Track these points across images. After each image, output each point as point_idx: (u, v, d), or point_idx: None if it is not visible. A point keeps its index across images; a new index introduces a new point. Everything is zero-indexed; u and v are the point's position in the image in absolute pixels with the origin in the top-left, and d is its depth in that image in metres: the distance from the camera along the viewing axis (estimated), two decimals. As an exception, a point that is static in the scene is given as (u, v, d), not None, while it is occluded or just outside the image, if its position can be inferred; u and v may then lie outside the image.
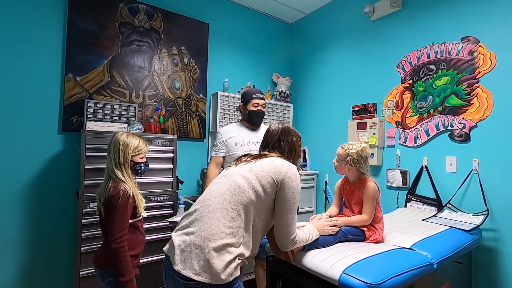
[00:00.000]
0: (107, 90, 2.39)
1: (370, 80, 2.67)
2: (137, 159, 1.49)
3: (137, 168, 1.50)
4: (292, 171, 1.13)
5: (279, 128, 1.29)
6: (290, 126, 1.33)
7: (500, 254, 1.82)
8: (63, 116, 2.22)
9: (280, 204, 1.11)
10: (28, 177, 2.10)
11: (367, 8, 2.61)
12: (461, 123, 2.03)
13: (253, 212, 1.07)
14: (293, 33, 3.65)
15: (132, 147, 1.46)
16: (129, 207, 1.38)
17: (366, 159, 1.47)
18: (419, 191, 2.24)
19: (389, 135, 2.48)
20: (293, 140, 1.28)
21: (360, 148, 1.45)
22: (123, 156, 1.43)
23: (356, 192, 1.47)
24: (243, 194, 1.07)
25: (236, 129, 2.10)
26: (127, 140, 1.46)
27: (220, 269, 0.95)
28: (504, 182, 1.82)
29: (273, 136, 1.28)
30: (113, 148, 1.44)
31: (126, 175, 1.42)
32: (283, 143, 1.26)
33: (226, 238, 1.00)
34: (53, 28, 2.21)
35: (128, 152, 1.44)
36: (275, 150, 1.25)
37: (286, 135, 1.27)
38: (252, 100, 2.04)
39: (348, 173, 1.50)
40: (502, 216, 1.82)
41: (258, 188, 1.08)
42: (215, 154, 2.07)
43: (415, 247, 1.37)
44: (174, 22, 2.75)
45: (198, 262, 0.96)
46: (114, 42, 2.44)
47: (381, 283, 1.03)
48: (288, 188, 1.10)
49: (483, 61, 1.94)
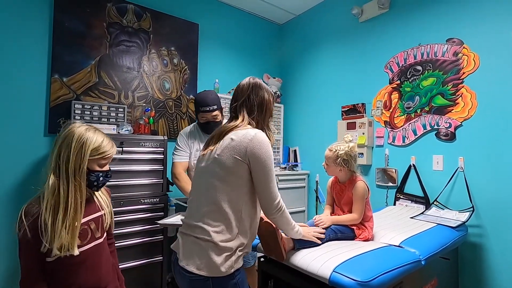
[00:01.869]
0: (95, 91, 2.35)
1: (359, 81, 2.71)
2: (94, 165, 1.05)
3: (92, 179, 1.05)
4: (256, 140, 1.05)
5: (250, 82, 1.17)
6: (263, 82, 1.21)
7: (485, 249, 1.87)
8: (50, 118, 2.16)
9: (255, 174, 1.06)
10: (14, 180, 2.04)
11: (355, 10, 2.65)
12: (447, 122, 2.08)
13: (237, 200, 1.06)
14: (283, 34, 3.67)
15: (91, 146, 1.02)
16: (31, 244, 0.93)
17: (356, 157, 1.49)
18: (407, 189, 2.28)
19: (378, 135, 2.52)
20: (265, 95, 1.17)
21: (348, 148, 1.46)
22: (74, 158, 0.98)
23: (346, 191, 1.49)
24: (219, 191, 1.05)
25: (196, 133, 2.00)
26: (85, 135, 1.02)
27: (220, 263, 0.99)
28: (488, 179, 1.88)
29: (243, 92, 1.16)
30: (61, 144, 1.00)
31: (65, 186, 0.97)
32: (253, 98, 1.14)
33: (220, 235, 1.02)
34: (38, 27, 2.15)
35: (83, 154, 1.00)
36: (244, 108, 1.14)
37: (257, 90, 1.16)
38: (199, 113, 1.88)
39: (340, 174, 1.51)
40: (487, 213, 1.87)
41: (230, 178, 1.05)
42: (178, 159, 1.95)
43: (404, 244, 1.40)
44: (163, 23, 2.72)
45: (200, 258, 1.00)
46: (102, 43, 2.40)
47: (371, 280, 1.05)
48: (258, 159, 1.04)
49: (467, 62, 2.00)
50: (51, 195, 0.97)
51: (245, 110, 1.14)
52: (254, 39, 3.43)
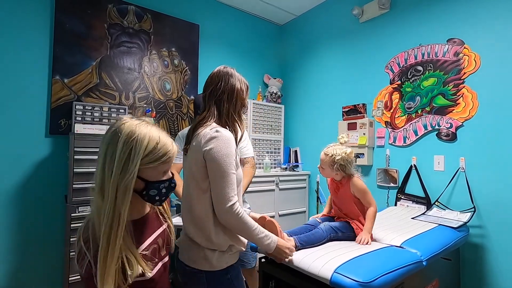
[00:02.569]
0: (96, 92, 2.36)
1: (360, 81, 2.71)
2: (151, 173, 0.78)
3: (153, 194, 0.79)
4: (212, 140, 0.98)
5: (220, 71, 1.11)
6: (235, 71, 1.14)
7: (486, 250, 1.87)
8: (51, 119, 2.17)
9: (210, 173, 1.00)
10: (15, 181, 2.05)
11: (356, 10, 2.65)
12: (448, 122, 2.08)
13: (209, 203, 1.03)
14: (283, 34, 3.67)
15: (144, 149, 0.74)
16: None
17: (352, 162, 1.46)
18: (408, 190, 2.28)
19: (378, 135, 2.51)
20: (236, 84, 1.09)
21: (345, 154, 1.43)
22: (122, 165, 0.72)
23: (342, 188, 1.48)
24: (193, 196, 1.03)
25: None
26: (139, 133, 0.74)
27: (213, 258, 1.02)
28: (489, 180, 1.87)
29: (212, 81, 1.10)
30: (107, 150, 0.74)
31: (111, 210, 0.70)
32: (223, 87, 1.08)
33: (205, 237, 1.02)
34: (40, 29, 2.16)
35: (134, 159, 0.73)
36: (212, 98, 1.08)
37: (227, 78, 1.09)
38: None
39: (336, 176, 1.50)
40: (488, 213, 1.87)
41: (198, 180, 1.01)
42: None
43: (405, 245, 1.40)
44: (164, 23, 2.73)
45: (195, 254, 1.03)
46: (103, 44, 2.40)
47: (372, 281, 1.05)
48: (212, 159, 0.98)
49: (468, 62, 2.00)
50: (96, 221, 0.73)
51: (212, 100, 1.08)
52: (255, 39, 3.44)
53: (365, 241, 1.37)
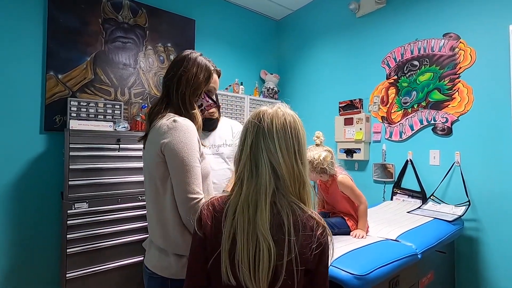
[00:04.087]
0: (91, 88, 2.34)
1: (356, 76, 2.71)
2: None
3: None
4: (171, 135, 0.88)
5: (181, 55, 1.04)
6: (200, 55, 1.07)
7: (481, 243, 1.89)
8: (45, 115, 2.15)
9: (170, 169, 0.90)
10: (10, 178, 2.03)
11: (352, 5, 2.64)
12: (444, 117, 2.09)
13: (163, 205, 0.95)
14: (280, 29, 3.65)
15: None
16: None
17: (332, 162, 1.44)
18: (404, 184, 2.29)
19: (375, 130, 2.52)
20: (193, 69, 1.01)
21: (320, 160, 1.40)
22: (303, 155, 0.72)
23: (330, 188, 1.50)
24: (148, 198, 0.97)
25: None
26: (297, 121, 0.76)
27: (182, 266, 0.89)
28: (484, 174, 1.89)
29: (172, 66, 1.03)
30: (293, 135, 0.74)
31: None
32: (180, 72, 1.00)
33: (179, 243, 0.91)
34: (33, 24, 2.12)
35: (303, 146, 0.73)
36: (170, 83, 1.02)
37: (187, 63, 1.02)
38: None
39: (322, 178, 1.50)
40: (483, 207, 1.89)
41: (161, 184, 0.92)
42: None
43: (400, 238, 1.41)
44: (159, 19, 2.70)
45: (162, 260, 0.93)
46: (98, 39, 2.37)
47: (367, 274, 1.06)
48: (171, 153, 0.88)
49: (463, 57, 2.00)
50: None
51: (170, 86, 1.01)
52: (251, 35, 3.41)
53: (360, 235, 1.39)
